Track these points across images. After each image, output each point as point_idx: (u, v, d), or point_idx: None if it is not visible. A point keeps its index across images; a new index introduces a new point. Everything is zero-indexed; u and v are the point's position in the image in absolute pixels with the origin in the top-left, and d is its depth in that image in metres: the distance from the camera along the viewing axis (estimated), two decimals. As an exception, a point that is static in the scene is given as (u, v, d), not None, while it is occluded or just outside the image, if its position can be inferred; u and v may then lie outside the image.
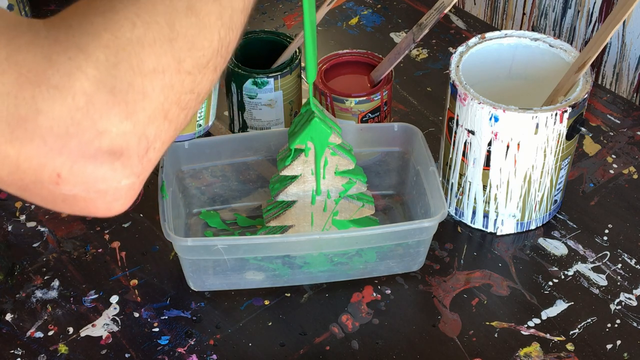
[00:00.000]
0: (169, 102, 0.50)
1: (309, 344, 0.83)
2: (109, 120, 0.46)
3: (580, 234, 0.93)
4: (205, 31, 0.52)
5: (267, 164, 0.94)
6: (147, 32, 0.48)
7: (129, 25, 0.48)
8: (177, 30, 0.50)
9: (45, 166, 0.46)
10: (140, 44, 0.48)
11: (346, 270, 0.87)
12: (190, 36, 0.50)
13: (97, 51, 0.46)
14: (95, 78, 0.46)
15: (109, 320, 0.85)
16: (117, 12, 0.48)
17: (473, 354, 0.81)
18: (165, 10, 0.49)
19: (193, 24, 0.51)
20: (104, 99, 0.46)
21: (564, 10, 1.20)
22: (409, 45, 0.91)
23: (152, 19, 0.49)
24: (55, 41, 0.46)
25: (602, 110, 1.09)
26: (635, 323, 0.84)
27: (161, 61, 0.49)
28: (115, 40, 0.47)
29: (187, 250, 0.82)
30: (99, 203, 0.49)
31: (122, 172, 0.48)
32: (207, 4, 0.52)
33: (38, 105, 0.45)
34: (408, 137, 0.93)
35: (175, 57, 0.50)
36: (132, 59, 0.47)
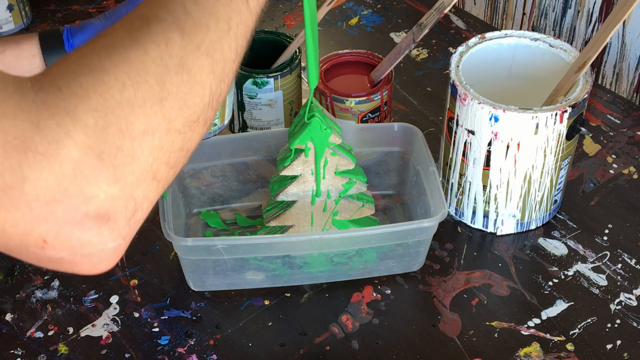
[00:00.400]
0: (158, 163, 0.49)
1: (309, 344, 0.83)
2: (97, 186, 0.46)
3: (580, 234, 0.93)
4: (196, 87, 0.51)
5: (267, 164, 0.94)
6: (137, 93, 0.47)
7: (119, 87, 0.47)
8: (167, 89, 0.49)
9: (31, 232, 0.46)
10: (130, 106, 0.47)
11: (346, 270, 0.87)
12: (181, 94, 0.50)
13: (86, 115, 0.45)
14: (83, 144, 0.45)
15: (109, 320, 0.85)
16: (107, 72, 0.47)
17: (473, 354, 0.81)
18: (156, 69, 0.48)
19: (184, 81, 0.50)
20: (92, 165, 0.45)
21: (564, 10, 1.20)
22: (409, 45, 0.91)
23: (142, 78, 0.48)
24: (43, 105, 0.45)
25: (602, 110, 1.09)
26: (635, 323, 0.84)
27: (151, 122, 0.48)
28: (104, 102, 0.46)
29: (187, 250, 0.82)
30: (84, 265, 0.49)
31: (109, 236, 0.48)
32: (199, 59, 0.51)
33: (24, 172, 0.44)
34: (408, 137, 0.93)
35: (166, 117, 0.49)
36: (121, 121, 0.46)
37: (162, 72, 0.49)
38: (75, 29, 0.77)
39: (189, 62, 0.50)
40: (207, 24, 0.52)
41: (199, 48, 0.51)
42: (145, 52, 0.49)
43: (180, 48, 0.50)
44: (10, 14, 1.20)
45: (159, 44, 0.49)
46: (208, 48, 0.52)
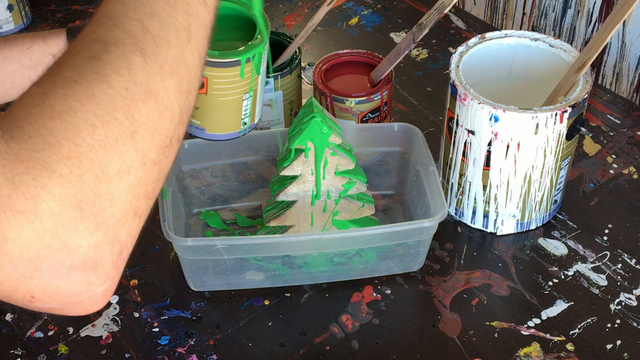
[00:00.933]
0: (137, 199, 0.48)
1: (309, 344, 0.83)
2: (79, 237, 0.45)
3: (580, 234, 0.93)
4: (165, 112, 0.49)
5: (267, 164, 0.94)
6: (107, 133, 0.46)
7: (89, 129, 0.45)
8: (137, 122, 0.47)
9: (18, 289, 0.45)
10: (102, 148, 0.45)
11: (346, 270, 0.87)
12: (151, 123, 0.48)
13: (60, 165, 0.44)
14: (61, 196, 0.44)
15: (109, 320, 0.85)
16: (75, 114, 0.45)
17: (473, 354, 0.81)
18: (123, 102, 0.47)
19: (153, 109, 0.48)
20: (72, 216, 0.44)
21: (564, 10, 1.20)
22: (409, 45, 0.91)
23: (110, 116, 0.46)
24: (16, 158, 0.44)
25: (602, 110, 1.09)
26: (635, 323, 0.84)
27: (125, 160, 0.47)
28: (77, 148, 0.45)
29: (187, 250, 0.82)
30: (75, 310, 0.48)
31: (97, 282, 0.47)
32: (164, 81, 0.49)
33: (5, 232, 0.43)
34: (408, 137, 0.93)
35: (139, 151, 0.47)
36: (96, 166, 0.45)
37: (130, 104, 0.47)
38: None
39: (154, 87, 0.49)
40: (167, 38, 0.50)
41: (163, 68, 0.49)
42: (109, 85, 0.47)
43: (143, 72, 0.48)
44: (10, 14, 1.20)
45: (121, 73, 0.48)
46: (172, 65, 0.50)
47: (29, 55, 0.75)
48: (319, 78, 0.96)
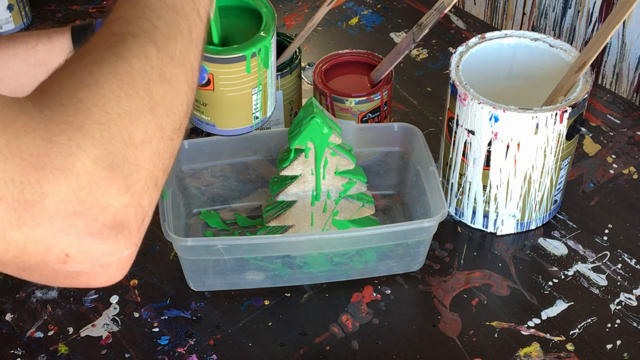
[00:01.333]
0: (157, 170, 0.51)
1: (309, 344, 0.83)
2: (111, 196, 0.47)
3: (580, 234, 0.93)
4: (178, 96, 0.54)
5: (267, 164, 0.94)
6: (131, 104, 0.50)
7: (115, 99, 0.49)
8: (155, 99, 0.52)
9: (53, 248, 0.46)
10: (128, 117, 0.49)
11: (346, 270, 0.87)
12: (167, 102, 0.53)
13: (92, 128, 0.47)
14: (94, 155, 0.47)
15: (109, 320, 0.85)
16: (102, 86, 0.49)
17: (473, 354, 0.81)
18: (142, 80, 0.51)
19: (167, 91, 0.53)
20: (104, 175, 0.47)
21: (564, 10, 1.20)
22: (409, 45, 0.91)
23: (133, 90, 0.51)
24: (51, 122, 0.47)
25: (602, 110, 1.09)
26: (635, 323, 0.84)
27: (148, 131, 0.50)
28: (106, 115, 0.48)
29: (187, 250, 0.82)
30: (101, 276, 0.50)
31: (125, 244, 0.49)
32: (174, 69, 0.55)
33: (44, 188, 0.45)
34: (408, 137, 0.93)
35: (159, 125, 0.51)
36: (123, 132, 0.49)
37: (148, 83, 0.52)
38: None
39: (167, 72, 0.54)
40: (174, 36, 0.56)
41: (173, 59, 0.55)
42: (130, 65, 0.51)
43: (157, 60, 0.53)
44: (10, 14, 1.20)
45: (139, 57, 0.52)
46: (179, 58, 0.55)
47: (34, 54, 0.77)
48: (319, 78, 0.96)
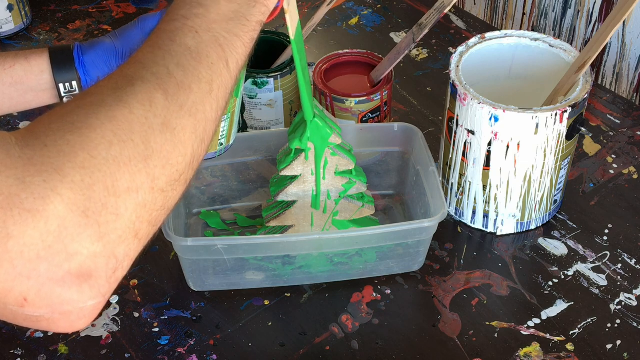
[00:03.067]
0: (140, 221, 0.49)
1: (309, 344, 0.83)
2: (80, 243, 0.45)
3: (580, 234, 0.93)
4: (179, 147, 0.52)
5: (267, 164, 0.94)
6: (122, 151, 0.48)
7: (106, 144, 0.47)
8: (152, 148, 0.50)
9: (11, 290, 0.45)
10: (116, 164, 0.47)
11: (346, 270, 0.87)
12: (165, 153, 0.51)
13: (73, 172, 0.46)
14: (69, 200, 0.45)
15: (109, 320, 0.85)
16: (94, 130, 0.48)
17: (473, 354, 0.81)
18: (141, 128, 0.49)
19: (168, 140, 0.51)
20: (77, 222, 0.45)
21: (564, 10, 1.20)
22: (409, 45, 0.91)
23: (128, 137, 0.49)
24: (29, 162, 0.45)
25: (602, 110, 1.09)
26: (635, 323, 0.84)
27: (136, 180, 0.48)
28: (91, 160, 0.47)
29: (187, 250, 0.82)
30: (62, 323, 0.48)
31: (89, 294, 0.47)
32: (182, 119, 0.52)
33: (9, 229, 0.43)
34: (408, 137, 0.93)
35: (150, 175, 0.49)
36: (107, 179, 0.47)
37: (147, 131, 0.50)
38: (86, 46, 0.77)
39: (172, 121, 0.51)
40: (190, 85, 0.54)
41: (182, 108, 0.52)
42: (131, 111, 0.50)
43: (164, 108, 0.51)
44: (10, 14, 1.20)
45: (143, 104, 0.50)
46: (191, 108, 0.53)
47: (10, 74, 0.75)
48: (319, 78, 0.96)
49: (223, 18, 0.59)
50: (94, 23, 1.25)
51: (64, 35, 1.22)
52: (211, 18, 0.58)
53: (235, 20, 0.60)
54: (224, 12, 0.59)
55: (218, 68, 0.57)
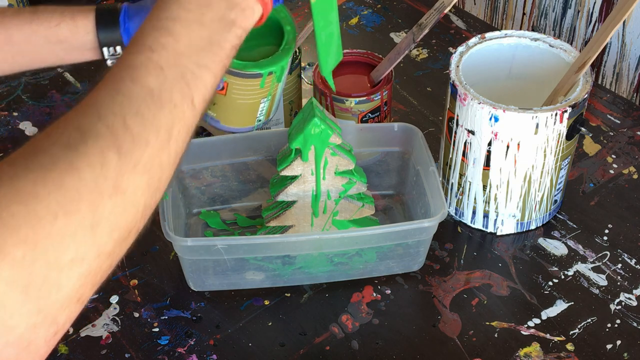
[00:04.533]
0: (83, 287, 0.47)
1: (309, 344, 0.83)
2: (19, 318, 0.44)
3: (580, 234, 0.93)
4: (131, 208, 0.50)
5: (267, 164, 0.94)
6: (68, 223, 0.46)
7: (51, 217, 0.45)
8: (100, 215, 0.47)
9: None
10: (60, 236, 0.45)
11: (346, 270, 0.87)
12: (113, 218, 0.48)
13: (15, 249, 0.44)
14: (8, 278, 0.43)
15: (109, 320, 0.85)
16: (40, 201, 0.45)
17: (473, 354, 0.81)
18: (90, 195, 0.47)
19: (117, 204, 0.48)
20: (16, 298, 0.44)
21: (564, 10, 1.20)
22: (409, 45, 0.91)
23: (75, 207, 0.46)
24: None
25: (602, 110, 1.09)
26: (635, 323, 0.84)
27: (80, 250, 0.46)
28: (34, 235, 0.44)
29: (187, 250, 0.82)
30: None
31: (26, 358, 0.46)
32: (134, 180, 0.49)
33: None
34: (408, 137, 0.93)
35: (96, 243, 0.47)
36: (49, 253, 0.45)
37: (96, 198, 0.47)
38: (132, 10, 0.75)
39: (123, 183, 0.49)
40: (147, 138, 0.50)
41: (136, 167, 0.50)
42: (80, 177, 0.47)
43: (115, 169, 0.48)
44: (10, 14, 1.20)
45: (94, 167, 0.48)
46: (145, 164, 0.50)
47: (56, 32, 0.75)
48: (319, 78, 0.96)
49: (193, 49, 0.55)
50: (94, 23, 1.25)
51: (64, 35, 1.22)
52: (179, 49, 0.54)
53: (206, 50, 0.55)
54: (194, 40, 0.55)
55: (181, 110, 0.53)
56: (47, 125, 0.50)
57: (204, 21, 0.56)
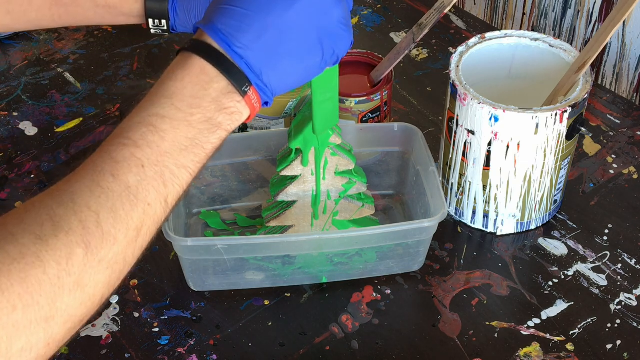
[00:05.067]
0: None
1: (309, 344, 0.83)
2: None
3: (580, 234, 0.93)
4: (87, 303, 0.51)
5: (267, 164, 0.94)
6: (25, 315, 0.47)
7: (9, 310, 0.46)
8: (57, 308, 0.48)
9: None
10: (14, 328, 0.46)
11: (346, 270, 0.87)
12: (70, 310, 0.49)
13: None
14: None
15: (109, 320, 0.85)
16: (2, 293, 0.46)
17: (473, 354, 0.81)
18: (51, 289, 0.48)
19: (76, 298, 0.49)
20: None
21: (564, 10, 1.20)
22: (409, 45, 0.91)
23: (34, 300, 0.47)
24: None
25: (602, 110, 1.09)
26: (635, 323, 0.84)
27: (31, 341, 0.47)
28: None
29: (187, 250, 0.82)
30: None
31: None
32: (97, 275, 0.50)
33: None
34: (408, 137, 0.93)
35: (48, 334, 0.48)
36: (2, 343, 0.46)
37: (56, 292, 0.48)
38: None
39: (85, 279, 0.50)
40: (116, 235, 0.52)
41: (101, 263, 0.51)
42: (44, 271, 0.48)
43: (80, 265, 0.49)
44: (10, 14, 1.20)
45: (59, 262, 0.48)
46: (110, 261, 0.51)
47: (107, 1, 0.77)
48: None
49: (177, 148, 0.56)
50: (94, 23, 1.25)
51: (64, 35, 1.22)
52: (164, 148, 0.55)
53: (189, 150, 0.56)
54: (179, 140, 0.56)
55: (153, 209, 0.54)
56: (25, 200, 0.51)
57: (192, 122, 0.57)
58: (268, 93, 0.60)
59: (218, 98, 0.58)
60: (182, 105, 0.56)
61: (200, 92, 0.57)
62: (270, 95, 0.61)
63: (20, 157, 1.03)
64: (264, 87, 0.60)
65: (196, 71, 0.57)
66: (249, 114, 0.61)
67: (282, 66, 0.60)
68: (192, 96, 0.57)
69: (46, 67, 1.17)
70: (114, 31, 1.24)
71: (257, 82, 0.59)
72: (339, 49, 0.63)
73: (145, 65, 1.17)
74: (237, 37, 0.58)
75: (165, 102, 0.56)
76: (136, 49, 1.20)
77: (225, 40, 0.58)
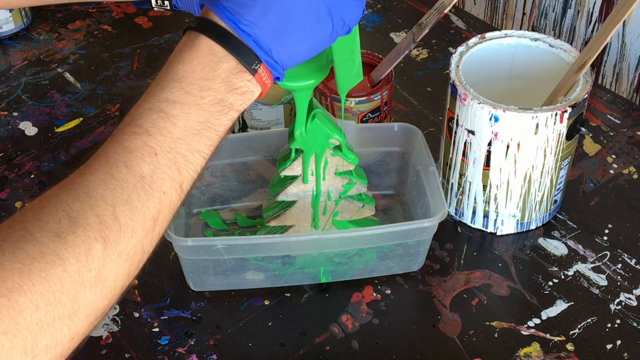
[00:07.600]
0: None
1: (309, 344, 0.83)
2: None
3: (580, 234, 0.93)
4: (109, 295, 0.51)
5: (267, 164, 0.94)
6: (48, 314, 0.47)
7: (32, 309, 0.46)
8: (79, 304, 0.49)
9: None
10: (39, 326, 0.47)
11: (346, 270, 0.87)
12: (92, 305, 0.50)
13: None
14: None
15: (109, 320, 0.85)
16: (24, 294, 0.46)
17: (473, 354, 0.81)
18: (72, 286, 0.48)
19: (98, 293, 0.50)
20: None
21: (564, 10, 1.20)
22: (409, 45, 0.91)
23: (56, 298, 0.47)
24: None
25: (602, 110, 1.09)
26: (635, 323, 0.84)
27: (56, 337, 0.48)
28: (15, 325, 0.46)
29: (187, 250, 0.82)
30: None
31: None
32: (116, 268, 0.51)
33: None
34: (408, 137, 0.93)
35: (72, 330, 0.49)
36: (27, 342, 0.46)
37: (78, 289, 0.48)
38: None
39: (105, 273, 0.50)
40: (133, 227, 0.52)
41: (120, 256, 0.51)
42: (65, 269, 0.48)
43: (100, 260, 0.50)
44: (10, 14, 1.20)
45: (79, 259, 0.49)
46: (129, 253, 0.51)
47: None
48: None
49: (189, 133, 0.55)
50: (94, 23, 1.25)
51: (64, 35, 1.22)
52: (176, 135, 0.55)
53: (201, 134, 0.56)
54: (191, 124, 0.55)
55: (169, 197, 0.54)
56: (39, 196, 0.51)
57: (202, 105, 0.56)
58: (279, 69, 0.59)
59: (228, 78, 0.57)
60: (192, 89, 0.56)
61: (210, 74, 0.56)
62: (281, 71, 0.60)
63: (20, 157, 1.03)
64: (274, 64, 0.59)
65: (204, 52, 0.57)
66: (261, 92, 0.60)
67: (291, 41, 0.59)
68: (202, 78, 0.56)
69: (46, 67, 1.17)
70: (114, 31, 1.24)
71: (267, 59, 0.58)
72: (349, 20, 0.61)
73: (145, 65, 1.17)
74: (243, 14, 0.57)
75: (175, 86, 0.56)
76: (136, 49, 1.20)
77: (231, 19, 0.57)
